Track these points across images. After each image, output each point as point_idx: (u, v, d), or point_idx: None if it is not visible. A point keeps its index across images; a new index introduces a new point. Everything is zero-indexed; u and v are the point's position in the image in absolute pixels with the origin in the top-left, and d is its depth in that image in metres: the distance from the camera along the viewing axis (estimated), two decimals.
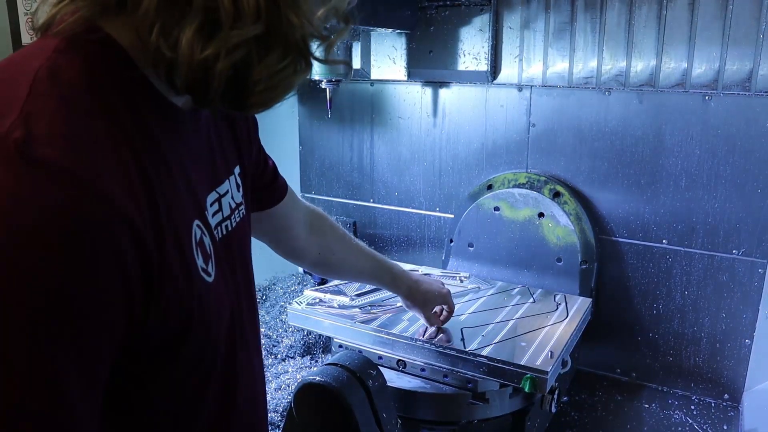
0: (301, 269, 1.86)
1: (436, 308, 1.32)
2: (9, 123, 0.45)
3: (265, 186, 0.95)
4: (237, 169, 0.75)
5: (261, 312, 1.88)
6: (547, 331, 1.33)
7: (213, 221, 0.65)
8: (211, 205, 0.66)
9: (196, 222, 0.60)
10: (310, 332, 1.66)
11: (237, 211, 0.72)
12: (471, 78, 1.72)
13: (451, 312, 1.33)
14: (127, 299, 0.49)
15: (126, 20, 0.53)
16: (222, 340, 0.63)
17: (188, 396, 0.62)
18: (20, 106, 0.46)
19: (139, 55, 0.54)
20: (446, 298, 1.32)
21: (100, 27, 0.53)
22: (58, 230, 0.44)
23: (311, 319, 1.42)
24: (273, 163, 0.98)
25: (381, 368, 1.23)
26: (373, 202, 2.00)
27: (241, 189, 0.75)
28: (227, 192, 0.70)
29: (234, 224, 0.70)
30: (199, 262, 0.58)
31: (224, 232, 0.68)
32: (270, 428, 1.44)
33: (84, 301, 0.45)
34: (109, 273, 0.47)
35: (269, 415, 1.46)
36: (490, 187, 1.74)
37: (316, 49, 0.58)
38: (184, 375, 0.60)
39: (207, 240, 0.61)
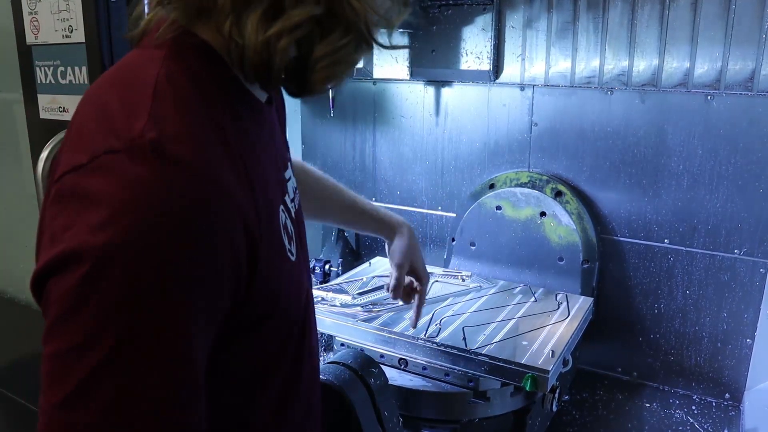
0: None
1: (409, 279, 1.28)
2: (142, 125, 0.50)
3: None
4: (290, 157, 0.82)
5: None
6: (549, 330, 1.34)
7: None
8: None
9: (281, 206, 0.66)
10: None
11: (296, 195, 0.79)
12: (473, 77, 1.73)
13: (420, 290, 1.29)
14: (236, 282, 0.55)
15: (211, 22, 0.58)
16: (300, 313, 0.71)
17: (264, 365, 0.67)
18: (148, 110, 0.51)
19: (226, 55, 0.59)
20: (425, 274, 1.29)
21: (194, 33, 0.59)
22: (187, 218, 0.49)
23: None
24: None
25: (383, 367, 1.23)
26: (375, 200, 2.00)
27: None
28: (290, 177, 0.77)
29: (296, 207, 0.77)
30: (285, 243, 0.65)
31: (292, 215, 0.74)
32: None
33: (205, 285, 0.51)
34: (227, 259, 0.53)
35: None
36: (492, 186, 1.74)
37: (378, 35, 0.62)
38: (266, 345, 0.65)
39: (289, 223, 0.68)
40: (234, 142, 0.57)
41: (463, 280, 1.62)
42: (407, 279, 1.28)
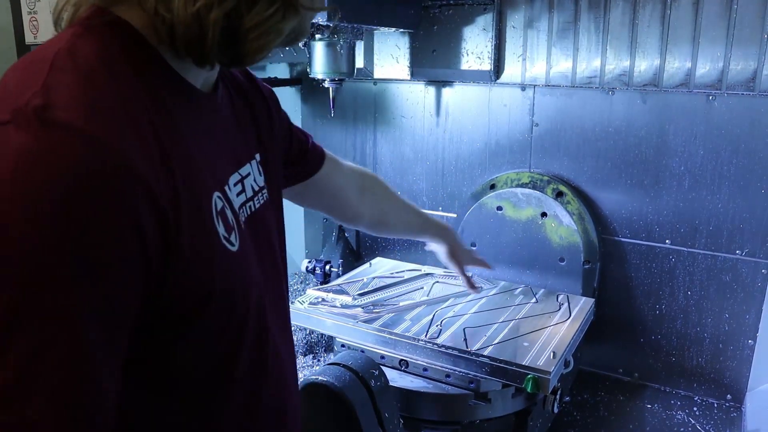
0: (303, 268, 1.86)
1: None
2: (30, 94, 0.49)
3: (297, 159, 0.99)
4: (258, 156, 0.78)
5: None
6: (550, 331, 1.33)
7: (237, 201, 0.69)
8: (235, 185, 0.69)
9: (216, 194, 0.63)
10: (312, 331, 1.66)
11: (260, 194, 0.76)
12: (474, 77, 1.72)
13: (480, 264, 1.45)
14: (143, 255, 0.51)
15: (132, 2, 0.57)
16: (252, 312, 0.66)
17: (217, 368, 0.64)
18: (42, 81, 0.50)
19: (150, 34, 0.58)
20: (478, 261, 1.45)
21: (111, 11, 0.58)
22: (74, 185, 0.46)
23: (313, 318, 1.43)
24: (306, 136, 1.01)
25: (383, 368, 1.23)
26: None
27: (262, 174, 0.78)
28: (249, 174, 0.73)
29: (257, 206, 0.74)
30: (221, 230, 0.61)
31: (248, 213, 0.71)
32: None
33: (99, 254, 0.48)
34: (124, 226, 0.49)
35: None
36: (492, 187, 1.74)
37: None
38: (212, 343, 0.62)
39: (229, 212, 0.64)
40: (148, 119, 0.55)
41: None
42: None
